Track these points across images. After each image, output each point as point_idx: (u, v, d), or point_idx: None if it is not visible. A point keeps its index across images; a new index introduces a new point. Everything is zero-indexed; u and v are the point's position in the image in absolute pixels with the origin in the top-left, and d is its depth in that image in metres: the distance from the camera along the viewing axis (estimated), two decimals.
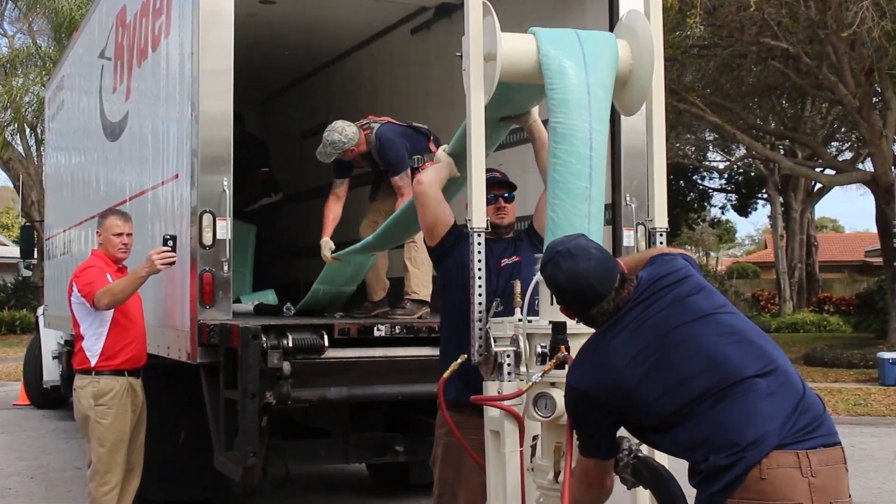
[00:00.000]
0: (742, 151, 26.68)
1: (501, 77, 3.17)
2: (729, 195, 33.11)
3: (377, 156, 5.93)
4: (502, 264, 3.79)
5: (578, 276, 2.58)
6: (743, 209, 33.21)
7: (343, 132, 5.88)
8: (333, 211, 6.05)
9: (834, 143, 25.53)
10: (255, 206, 8.49)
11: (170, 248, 4.93)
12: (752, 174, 30.60)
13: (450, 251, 3.71)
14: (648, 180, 3.51)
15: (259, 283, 8.33)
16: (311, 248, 9.41)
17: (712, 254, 51.21)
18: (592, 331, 2.67)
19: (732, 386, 2.44)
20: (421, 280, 5.92)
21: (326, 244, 5.88)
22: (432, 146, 6.06)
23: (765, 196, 31.13)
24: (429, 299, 5.93)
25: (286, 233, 9.44)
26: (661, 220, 3.49)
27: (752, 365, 2.47)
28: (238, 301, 7.12)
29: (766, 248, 44.67)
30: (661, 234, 3.48)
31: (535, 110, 3.84)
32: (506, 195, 3.87)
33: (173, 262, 4.96)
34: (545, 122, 3.65)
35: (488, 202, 3.61)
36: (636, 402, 2.49)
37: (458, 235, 3.67)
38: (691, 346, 2.50)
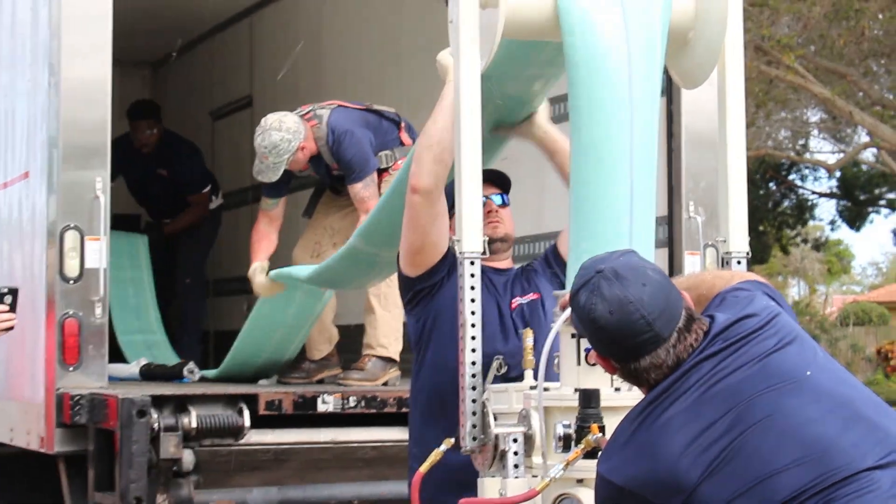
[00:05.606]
0: (863, 139, 26.86)
1: (506, 33, 3.21)
2: (841, 201, 33.22)
3: (330, 156, 5.98)
4: (513, 304, 3.81)
5: (628, 308, 2.57)
6: (854, 221, 33.38)
7: (282, 126, 5.85)
8: (267, 237, 6.16)
9: None
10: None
11: (7, 308, 4.92)
12: (873, 171, 30.76)
13: (439, 287, 3.73)
14: (721, 183, 3.55)
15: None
16: (224, 283, 9.47)
17: (820, 289, 51.44)
18: (637, 399, 2.70)
19: (841, 483, 2.46)
20: (391, 328, 5.96)
21: (259, 269, 5.93)
22: (404, 135, 6.11)
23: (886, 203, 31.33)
24: (398, 357, 5.96)
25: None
26: (739, 240, 3.52)
27: (871, 452, 2.49)
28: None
29: None
30: (738, 262, 3.52)
31: (544, 111, 3.88)
32: (498, 199, 3.88)
33: (11, 328, 4.95)
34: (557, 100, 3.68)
35: None
36: None
37: (454, 266, 3.60)
38: (780, 424, 2.52)
